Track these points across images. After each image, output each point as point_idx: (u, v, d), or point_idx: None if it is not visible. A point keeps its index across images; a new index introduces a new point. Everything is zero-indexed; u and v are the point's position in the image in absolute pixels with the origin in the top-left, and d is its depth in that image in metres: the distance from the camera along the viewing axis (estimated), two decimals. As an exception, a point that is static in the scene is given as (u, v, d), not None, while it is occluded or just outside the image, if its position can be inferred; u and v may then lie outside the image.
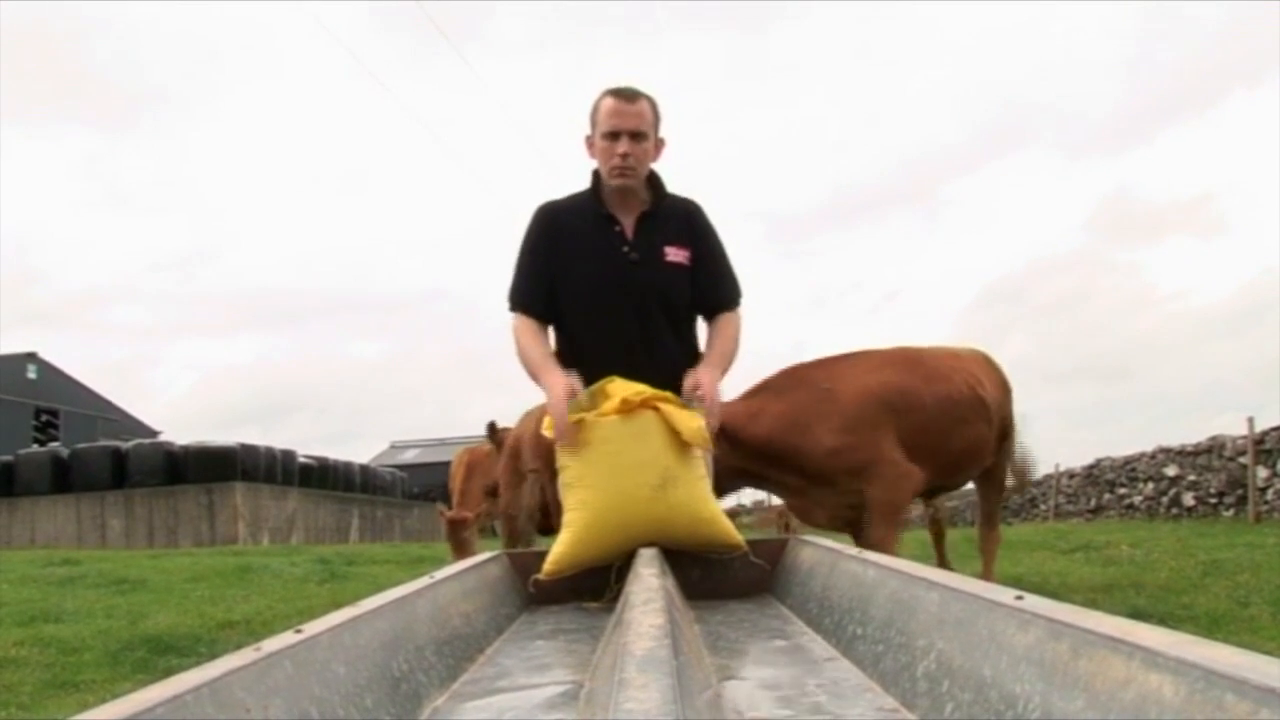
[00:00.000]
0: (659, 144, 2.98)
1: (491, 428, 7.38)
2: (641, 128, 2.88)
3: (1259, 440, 12.17)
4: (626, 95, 2.90)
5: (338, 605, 1.54)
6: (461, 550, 7.74)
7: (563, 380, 2.61)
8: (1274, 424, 12.24)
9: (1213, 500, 13.22)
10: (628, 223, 2.94)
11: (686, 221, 3.01)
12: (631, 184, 2.90)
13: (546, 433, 2.60)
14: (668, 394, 2.58)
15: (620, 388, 2.57)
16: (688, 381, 2.69)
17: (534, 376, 2.83)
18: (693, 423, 2.50)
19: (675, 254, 2.93)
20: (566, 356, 2.89)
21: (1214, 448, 13.37)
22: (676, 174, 3.06)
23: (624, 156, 2.85)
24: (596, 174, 2.97)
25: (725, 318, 3.00)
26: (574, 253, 2.93)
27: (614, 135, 2.87)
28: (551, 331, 3.00)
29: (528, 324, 2.92)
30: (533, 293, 2.95)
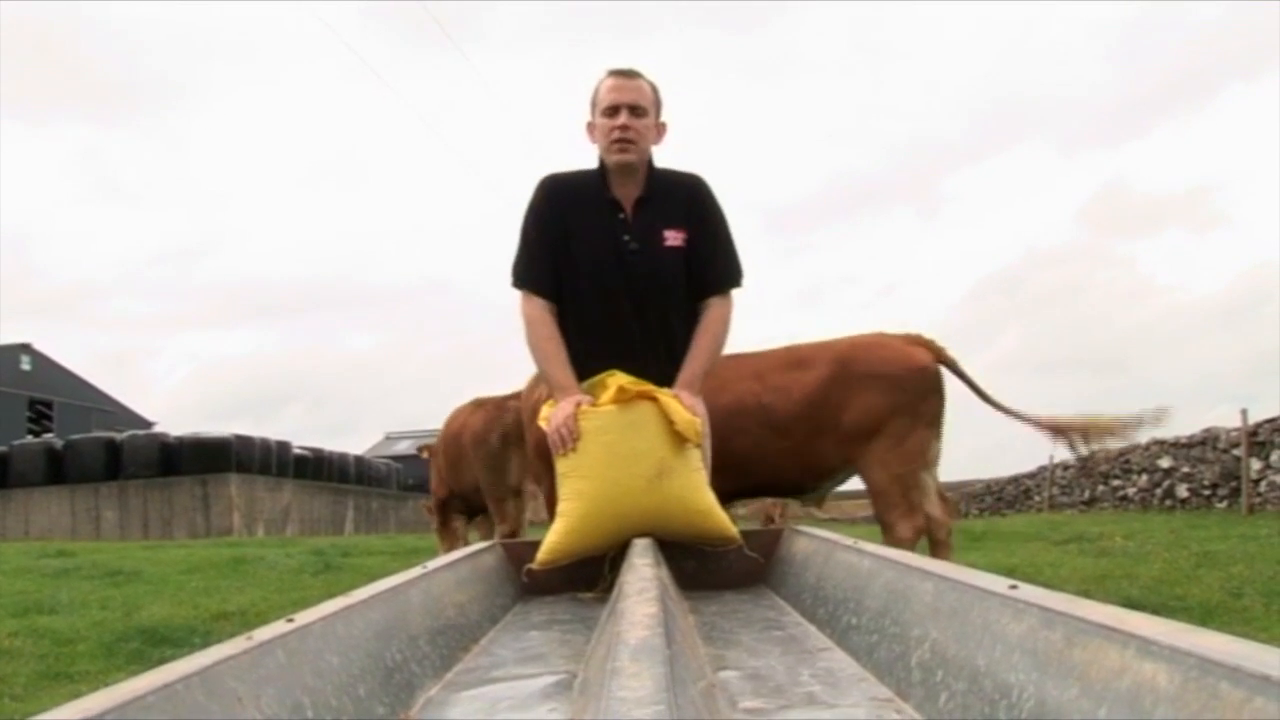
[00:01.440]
0: (660, 127, 2.94)
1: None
2: (640, 102, 2.84)
3: (1252, 432, 12.20)
4: (626, 73, 2.88)
5: (332, 597, 1.54)
6: (451, 541, 7.92)
7: (577, 399, 2.56)
8: (1268, 416, 12.26)
9: (1206, 492, 13.25)
10: (629, 208, 2.91)
11: (687, 200, 2.94)
12: (631, 159, 2.84)
13: (543, 424, 2.59)
14: (664, 390, 2.57)
15: (619, 381, 2.56)
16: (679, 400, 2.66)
17: (545, 375, 2.82)
18: (687, 414, 2.49)
19: (674, 237, 2.89)
20: (564, 340, 2.86)
21: (1208, 440, 13.39)
22: (676, 166, 3.04)
23: (623, 128, 2.80)
24: (602, 160, 2.94)
25: (713, 307, 2.93)
26: (577, 235, 2.88)
27: (613, 110, 2.83)
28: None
29: (539, 309, 2.85)
30: (539, 269, 2.88)
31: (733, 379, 4.74)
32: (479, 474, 6.72)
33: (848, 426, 4.60)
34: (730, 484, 4.69)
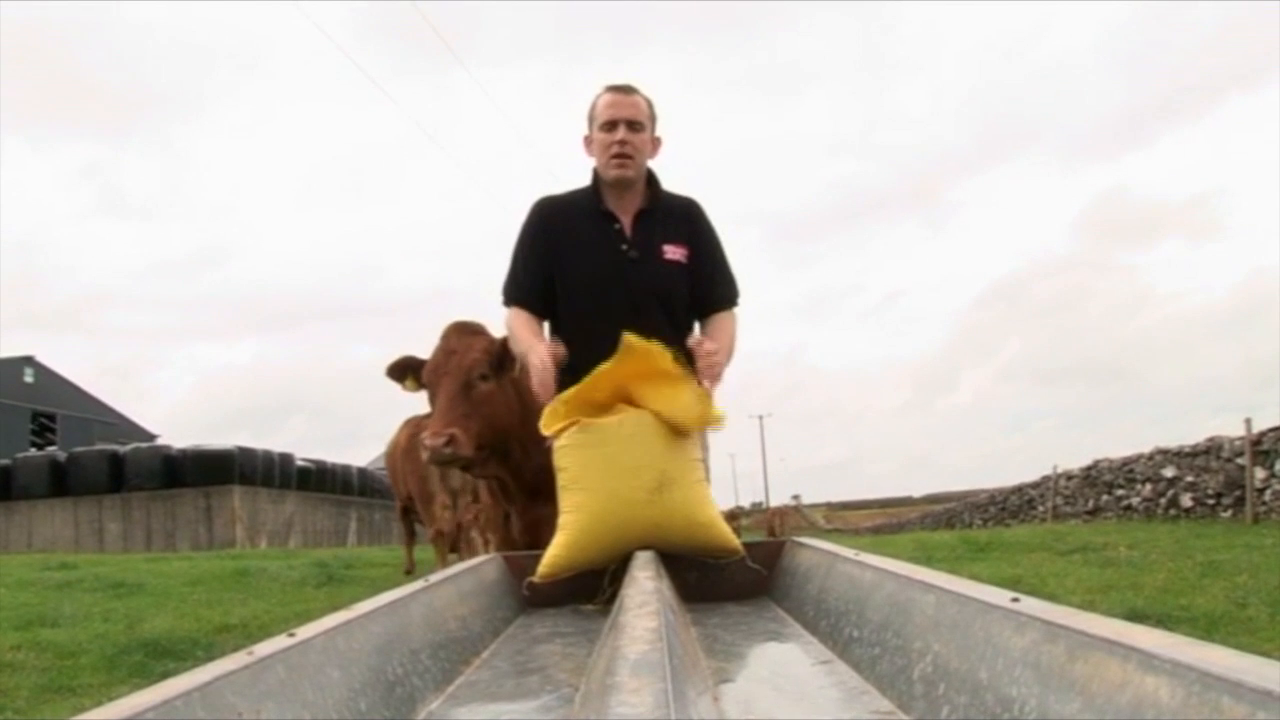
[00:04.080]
0: (656, 141, 2.99)
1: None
2: (638, 117, 2.89)
3: (1256, 441, 12.15)
4: (623, 89, 2.93)
5: (336, 609, 1.54)
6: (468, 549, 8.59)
7: (547, 348, 2.67)
8: (1271, 425, 12.22)
9: (1210, 501, 13.20)
10: (626, 220, 2.93)
11: (686, 219, 3.00)
12: (630, 174, 2.88)
13: (546, 432, 2.58)
14: (667, 366, 2.48)
15: (613, 372, 2.49)
16: (698, 344, 2.69)
17: (522, 355, 2.85)
18: (698, 407, 2.46)
19: (673, 252, 2.93)
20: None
21: (1211, 449, 13.35)
22: (679, 178, 3.07)
23: (622, 143, 2.85)
24: (596, 174, 2.97)
25: (720, 317, 2.99)
26: (572, 249, 2.92)
27: (611, 125, 2.87)
28: (546, 328, 3.00)
29: (521, 314, 2.94)
30: (528, 287, 2.95)
31: None
32: (411, 483, 7.74)
33: None
34: None
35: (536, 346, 2.73)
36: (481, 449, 3.29)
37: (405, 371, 3.61)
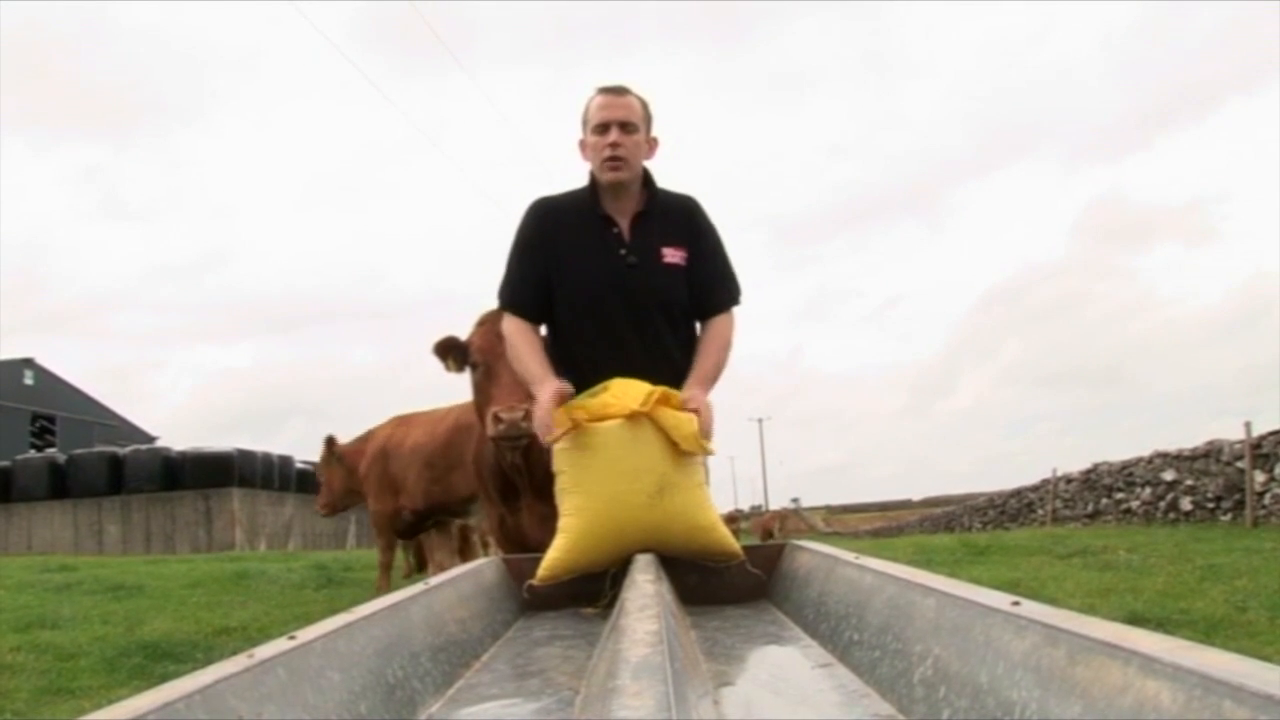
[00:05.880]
0: (652, 142, 2.96)
1: (330, 442, 8.42)
2: (630, 119, 2.86)
3: (1256, 445, 12.14)
4: (614, 90, 2.90)
5: (335, 611, 1.54)
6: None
7: (554, 386, 2.61)
8: (1271, 428, 12.21)
9: (1210, 505, 13.20)
10: (624, 224, 2.91)
11: (684, 219, 2.96)
12: (624, 177, 2.86)
13: (546, 440, 2.58)
14: (666, 391, 2.54)
15: (621, 387, 2.54)
16: (687, 401, 2.66)
17: (521, 372, 2.84)
18: (689, 428, 2.48)
19: (672, 255, 2.90)
20: (561, 358, 2.87)
21: (1211, 452, 13.34)
22: (680, 183, 3.04)
23: (614, 146, 2.82)
24: (593, 177, 2.96)
25: (717, 321, 2.95)
26: (570, 254, 2.90)
27: (603, 128, 2.84)
28: (543, 331, 2.98)
29: (520, 326, 2.90)
30: (525, 291, 2.92)
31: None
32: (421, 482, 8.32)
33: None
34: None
35: (544, 384, 2.66)
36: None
37: (449, 351, 3.64)
